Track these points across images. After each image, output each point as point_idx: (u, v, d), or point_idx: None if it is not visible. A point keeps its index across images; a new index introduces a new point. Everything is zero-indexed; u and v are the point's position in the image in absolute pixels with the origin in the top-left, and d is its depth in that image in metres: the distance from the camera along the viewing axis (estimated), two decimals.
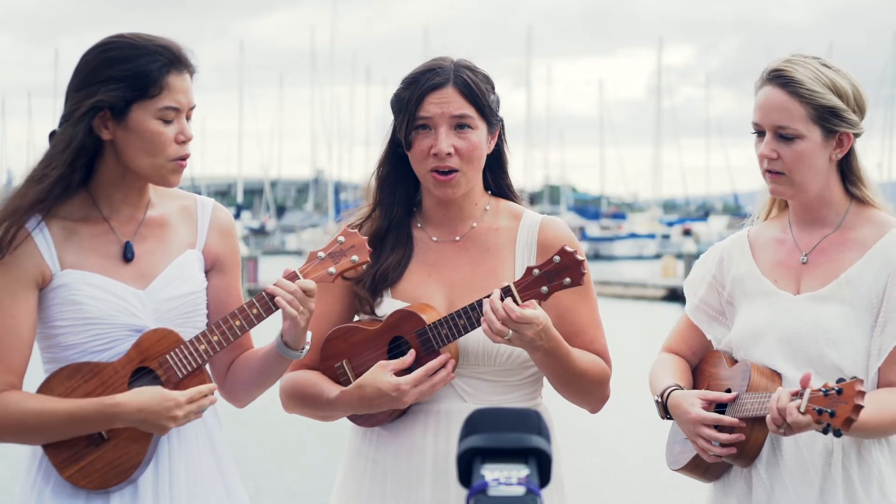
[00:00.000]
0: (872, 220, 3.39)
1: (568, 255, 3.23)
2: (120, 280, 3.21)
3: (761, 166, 3.38)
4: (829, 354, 3.29)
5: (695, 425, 3.32)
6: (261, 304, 3.19)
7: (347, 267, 3.25)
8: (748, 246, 3.51)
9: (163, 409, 3.10)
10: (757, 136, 3.40)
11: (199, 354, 3.18)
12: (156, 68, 3.16)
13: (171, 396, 3.11)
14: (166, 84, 3.16)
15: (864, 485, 3.30)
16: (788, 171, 3.33)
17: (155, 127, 3.17)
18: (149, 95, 3.15)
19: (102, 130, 3.18)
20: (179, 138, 3.19)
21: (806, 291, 3.38)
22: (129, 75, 3.15)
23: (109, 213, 3.26)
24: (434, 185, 3.42)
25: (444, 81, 3.40)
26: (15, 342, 3.16)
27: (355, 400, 3.35)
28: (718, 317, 3.54)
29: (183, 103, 3.19)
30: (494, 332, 3.21)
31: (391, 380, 3.30)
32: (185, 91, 3.20)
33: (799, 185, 3.35)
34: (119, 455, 3.16)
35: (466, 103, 3.40)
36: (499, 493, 1.86)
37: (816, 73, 3.33)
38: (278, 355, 3.26)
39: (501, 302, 3.21)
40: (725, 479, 3.44)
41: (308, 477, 12.55)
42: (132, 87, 3.15)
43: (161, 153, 3.18)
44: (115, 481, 3.16)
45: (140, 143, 3.17)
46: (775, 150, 3.33)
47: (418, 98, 3.40)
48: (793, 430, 3.12)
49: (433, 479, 3.37)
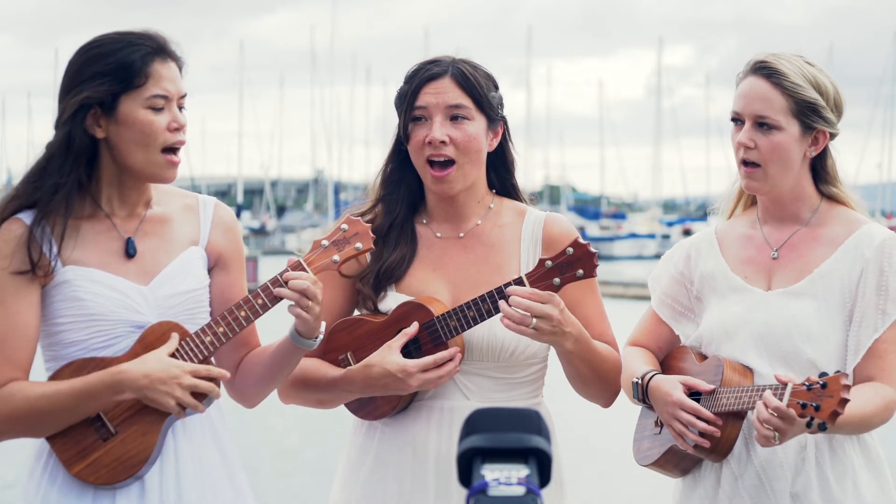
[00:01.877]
0: (843, 217, 3.42)
1: (581, 247, 3.24)
2: (122, 276, 3.22)
3: (737, 156, 3.41)
4: (803, 350, 3.31)
5: (674, 408, 3.32)
6: (266, 295, 3.18)
7: (351, 254, 3.24)
8: (716, 242, 3.53)
9: (168, 375, 3.09)
10: (735, 126, 3.43)
11: (205, 346, 3.17)
12: (138, 58, 3.16)
13: (176, 364, 3.10)
14: (151, 72, 3.17)
15: (838, 481, 3.32)
16: (764, 162, 3.36)
17: (145, 116, 3.17)
18: (135, 86, 3.16)
19: (95, 129, 3.19)
20: (172, 126, 3.19)
21: (778, 287, 3.40)
22: (113, 68, 3.16)
23: (111, 211, 3.26)
24: (431, 181, 3.43)
25: (442, 72, 3.42)
26: (20, 338, 3.16)
27: (360, 379, 3.35)
28: (686, 313, 3.55)
29: (171, 91, 3.19)
30: (516, 321, 3.21)
31: (399, 361, 3.30)
32: (173, 79, 3.20)
33: (772, 178, 3.38)
34: (128, 449, 3.16)
35: (462, 93, 3.41)
36: (499, 493, 1.86)
37: (800, 68, 3.37)
38: (291, 346, 3.25)
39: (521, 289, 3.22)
40: (695, 473, 3.45)
41: (309, 472, 12.55)
42: (117, 79, 3.16)
43: (154, 142, 3.17)
44: (124, 476, 3.16)
45: (132, 136, 3.17)
46: (752, 140, 3.36)
47: (415, 89, 3.42)
48: (783, 432, 3.12)
49: (436, 476, 3.38)
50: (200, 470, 3.25)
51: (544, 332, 3.24)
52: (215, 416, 3.31)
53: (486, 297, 3.29)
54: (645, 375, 3.44)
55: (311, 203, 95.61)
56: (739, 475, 3.35)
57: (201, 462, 3.25)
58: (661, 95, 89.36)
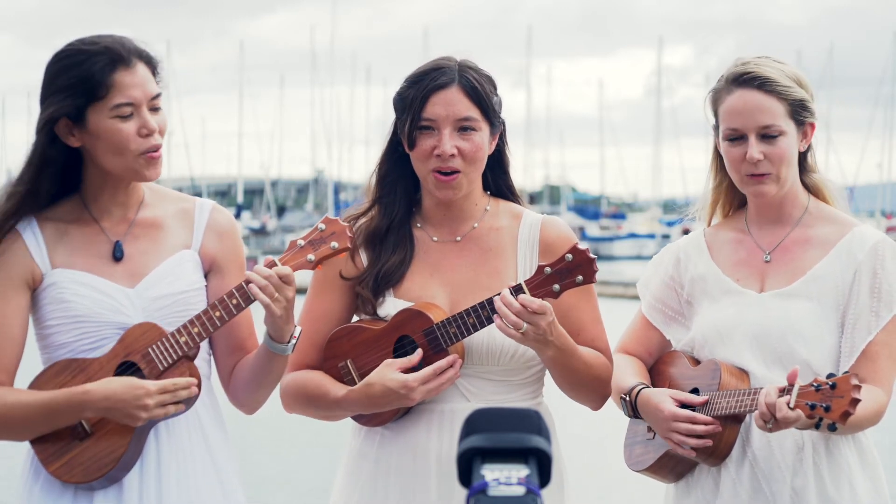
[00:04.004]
0: (832, 219, 3.43)
1: (580, 253, 3.23)
2: (109, 279, 3.23)
3: (742, 171, 3.37)
4: (798, 351, 3.32)
5: (668, 422, 3.31)
6: (240, 294, 3.17)
7: (327, 254, 3.21)
8: (705, 246, 3.53)
9: (131, 397, 3.09)
10: (729, 143, 3.39)
11: (179, 346, 3.17)
12: (97, 70, 3.17)
13: (140, 385, 3.10)
14: (112, 83, 3.17)
15: (834, 482, 3.32)
16: (775, 169, 3.35)
17: (112, 125, 3.18)
18: (98, 97, 3.17)
19: (70, 138, 3.21)
20: (142, 132, 3.19)
21: (771, 289, 3.40)
22: (76, 82, 3.17)
23: (100, 215, 3.28)
24: (435, 186, 3.41)
25: (450, 81, 3.39)
26: (4, 341, 3.19)
27: (363, 398, 3.34)
28: (677, 317, 3.54)
29: (137, 97, 3.19)
30: (509, 324, 3.21)
31: (399, 377, 3.30)
32: (138, 84, 3.20)
33: (783, 181, 3.38)
34: (101, 448, 3.17)
35: (471, 105, 3.39)
36: (499, 493, 1.86)
37: (780, 69, 3.38)
38: (268, 351, 3.25)
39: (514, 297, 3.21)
40: (689, 478, 3.45)
41: (308, 476, 12.55)
42: (79, 93, 3.17)
43: (126, 150, 3.18)
44: (97, 475, 3.16)
45: (104, 145, 3.19)
46: (762, 152, 3.34)
47: (423, 98, 3.39)
48: (780, 426, 3.13)
49: (437, 479, 3.37)
50: (185, 471, 3.25)
51: (529, 337, 3.24)
52: (205, 417, 3.31)
53: (486, 304, 3.28)
54: (632, 391, 3.42)
55: (311, 203, 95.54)
56: (737, 477, 3.35)
57: (185, 463, 3.25)
58: (661, 95, 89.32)
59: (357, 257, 3.48)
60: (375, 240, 3.46)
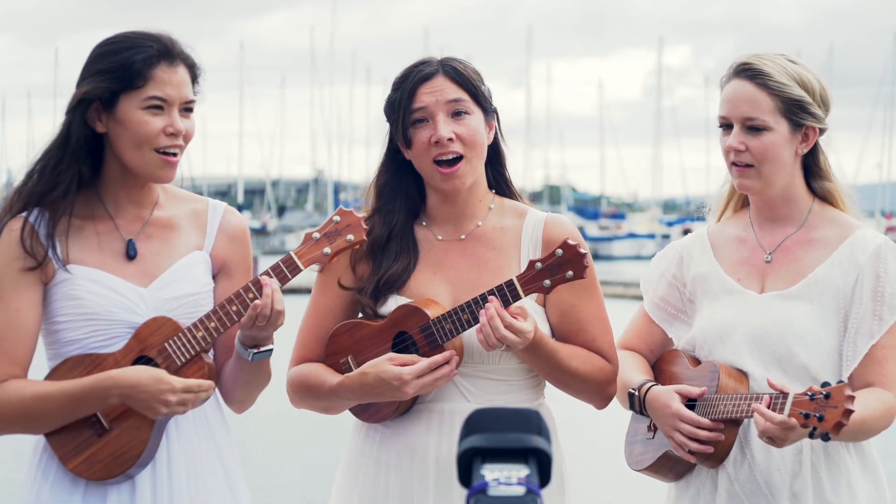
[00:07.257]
0: (836, 221, 3.42)
1: (570, 248, 3.23)
2: (122, 277, 3.23)
3: (727, 160, 3.40)
4: (797, 353, 3.31)
5: (673, 419, 3.32)
6: (257, 289, 3.19)
7: (343, 246, 3.23)
8: (709, 244, 3.53)
9: (156, 390, 3.10)
10: (723, 131, 3.42)
11: (196, 341, 3.18)
12: (140, 59, 3.18)
13: (166, 380, 3.12)
14: (151, 75, 3.18)
15: (833, 487, 3.32)
16: (757, 163, 3.35)
17: (140, 117, 3.19)
18: (134, 86, 3.18)
19: (96, 123, 3.22)
20: (168, 130, 3.20)
21: (771, 290, 3.39)
22: (116, 67, 3.18)
23: (115, 212, 3.28)
24: (441, 180, 3.41)
25: (434, 71, 3.42)
26: (19, 335, 3.19)
27: (357, 386, 3.34)
28: (679, 315, 3.54)
29: (172, 95, 3.20)
30: (490, 344, 3.22)
31: (394, 370, 3.29)
32: (176, 84, 3.21)
33: (766, 178, 3.37)
34: (122, 444, 3.17)
35: (459, 88, 3.41)
36: (499, 493, 1.86)
37: (784, 66, 3.37)
38: (239, 356, 3.26)
39: (498, 309, 3.21)
40: (688, 478, 3.45)
41: (308, 473, 12.55)
42: (117, 78, 3.18)
43: (146, 143, 3.19)
44: (118, 472, 3.17)
45: (127, 134, 3.19)
46: (743, 143, 3.36)
47: (410, 91, 3.40)
48: (782, 441, 3.12)
49: (436, 479, 3.37)
50: (194, 468, 3.26)
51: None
52: (211, 415, 3.32)
53: (479, 300, 3.27)
54: (641, 387, 3.43)
55: (311, 203, 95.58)
56: (736, 479, 3.35)
57: (194, 460, 3.26)
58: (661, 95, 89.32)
59: (357, 266, 3.49)
60: (376, 249, 3.46)
